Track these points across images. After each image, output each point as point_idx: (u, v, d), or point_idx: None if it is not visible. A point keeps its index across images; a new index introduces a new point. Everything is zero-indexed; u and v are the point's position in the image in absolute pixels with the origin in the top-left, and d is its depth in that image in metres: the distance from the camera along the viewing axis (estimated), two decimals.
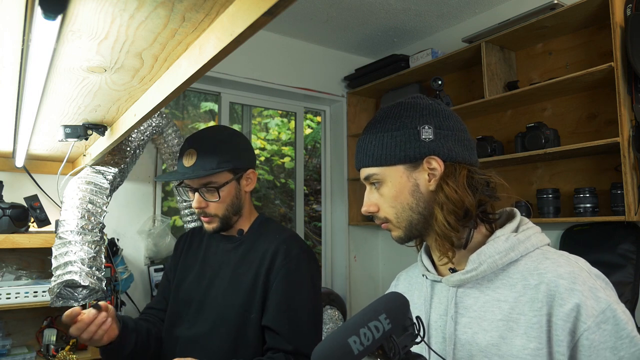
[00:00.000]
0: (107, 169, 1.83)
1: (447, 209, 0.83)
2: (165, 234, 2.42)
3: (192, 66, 0.82)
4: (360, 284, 3.21)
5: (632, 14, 1.88)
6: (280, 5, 0.57)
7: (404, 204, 0.87)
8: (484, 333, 0.81)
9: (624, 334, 0.71)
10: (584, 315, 0.72)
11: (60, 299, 1.64)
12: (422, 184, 0.86)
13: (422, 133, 0.85)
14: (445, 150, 0.85)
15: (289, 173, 3.43)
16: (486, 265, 0.82)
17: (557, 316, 0.74)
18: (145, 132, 2.20)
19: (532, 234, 0.84)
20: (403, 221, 0.88)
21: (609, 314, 0.72)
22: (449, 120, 0.88)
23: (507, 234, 0.83)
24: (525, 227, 0.86)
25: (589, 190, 2.03)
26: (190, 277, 1.39)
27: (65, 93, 1.14)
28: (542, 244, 0.84)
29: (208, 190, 1.30)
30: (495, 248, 0.82)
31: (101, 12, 0.72)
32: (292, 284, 1.25)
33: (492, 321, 0.80)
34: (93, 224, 1.68)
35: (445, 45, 2.76)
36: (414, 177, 0.86)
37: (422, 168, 0.86)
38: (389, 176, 0.87)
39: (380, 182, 0.88)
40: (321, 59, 3.13)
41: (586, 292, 0.74)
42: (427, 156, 0.85)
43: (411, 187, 0.86)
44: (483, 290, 0.83)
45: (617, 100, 1.86)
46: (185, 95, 3.11)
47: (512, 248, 0.82)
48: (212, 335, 1.28)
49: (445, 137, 0.86)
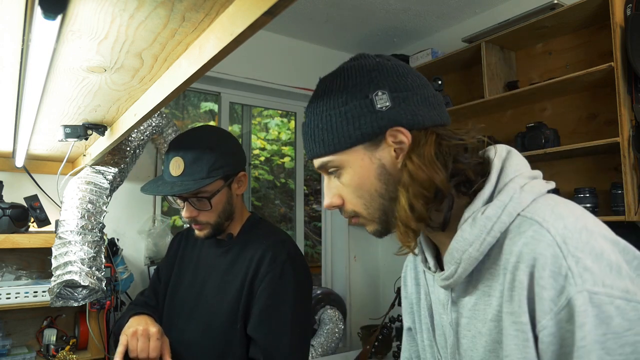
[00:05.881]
0: (107, 169, 1.83)
1: (412, 191, 0.67)
2: (165, 234, 2.42)
3: (192, 66, 0.82)
4: (360, 284, 3.21)
5: (632, 14, 1.88)
6: (280, 5, 0.57)
7: (372, 191, 0.71)
8: (480, 337, 0.69)
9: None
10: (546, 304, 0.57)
11: (60, 299, 1.64)
12: (389, 163, 0.71)
13: (377, 101, 0.69)
14: (409, 116, 0.69)
15: (289, 173, 3.43)
16: (465, 264, 0.67)
17: (537, 304, 0.59)
18: (145, 132, 2.20)
19: (510, 198, 0.65)
20: (375, 211, 0.72)
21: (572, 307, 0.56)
22: (405, 77, 0.72)
23: (474, 213, 0.66)
24: (503, 185, 0.67)
25: (589, 190, 2.03)
26: (184, 282, 1.38)
27: (65, 93, 1.14)
28: (527, 203, 0.65)
29: (199, 199, 1.23)
30: (465, 239, 0.66)
31: (101, 12, 0.72)
32: (275, 292, 1.20)
33: (485, 322, 0.68)
34: (93, 224, 1.68)
35: (445, 45, 2.76)
36: (377, 156, 0.71)
37: (385, 144, 0.70)
38: (347, 161, 0.72)
39: (339, 170, 0.73)
40: (321, 59, 3.13)
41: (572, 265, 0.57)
42: (388, 129, 0.69)
43: (376, 169, 0.71)
44: (475, 285, 0.70)
45: (617, 100, 1.86)
46: (185, 95, 3.11)
47: (485, 231, 0.65)
48: (201, 342, 1.27)
49: (405, 100, 0.70)
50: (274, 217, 3.52)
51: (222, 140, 1.29)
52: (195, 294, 1.33)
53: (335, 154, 0.72)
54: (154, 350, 1.20)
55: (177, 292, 1.38)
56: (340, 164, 0.73)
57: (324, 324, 2.76)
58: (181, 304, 1.35)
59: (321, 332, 2.72)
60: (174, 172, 1.23)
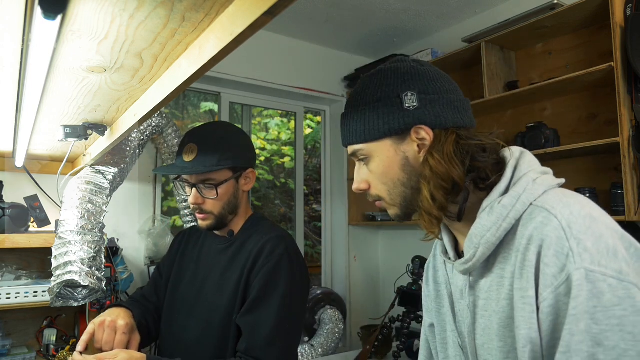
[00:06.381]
0: (107, 169, 1.83)
1: (433, 183, 0.76)
2: (165, 234, 2.42)
3: (192, 66, 0.82)
4: (360, 284, 3.21)
5: (632, 14, 1.88)
6: (280, 5, 0.57)
7: (395, 179, 0.81)
8: (495, 315, 0.75)
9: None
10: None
11: (60, 299, 1.64)
12: (412, 157, 0.80)
13: (405, 101, 0.79)
14: (432, 116, 0.79)
15: (289, 173, 3.43)
16: (482, 248, 0.74)
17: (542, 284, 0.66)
18: (145, 132, 2.20)
19: (523, 189, 0.73)
20: (397, 197, 0.82)
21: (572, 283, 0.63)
22: (434, 82, 0.81)
23: (491, 203, 0.75)
24: (517, 179, 0.76)
25: (589, 190, 2.03)
26: (185, 280, 1.39)
27: (65, 93, 1.14)
28: (539, 194, 0.73)
29: (206, 186, 1.27)
30: (483, 225, 0.74)
31: (101, 12, 0.72)
32: (267, 283, 1.21)
33: (499, 301, 0.75)
34: (93, 224, 1.68)
35: (445, 45, 2.76)
36: (402, 149, 0.80)
37: (410, 139, 0.80)
38: (375, 151, 0.82)
39: (367, 158, 0.83)
40: (321, 59, 3.13)
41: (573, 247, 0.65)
42: (413, 126, 0.79)
43: (400, 160, 0.81)
44: (490, 268, 0.77)
45: (617, 100, 1.86)
46: (185, 95, 3.11)
47: (501, 218, 0.73)
48: (202, 338, 1.27)
49: (431, 102, 0.79)
50: (274, 217, 3.52)
51: (236, 135, 1.34)
52: (195, 291, 1.34)
53: (366, 144, 0.82)
54: (119, 344, 1.19)
55: (178, 289, 1.39)
56: (369, 153, 0.83)
57: (324, 324, 2.76)
58: (181, 301, 1.36)
59: (321, 332, 2.71)
60: (186, 158, 1.27)
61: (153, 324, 1.39)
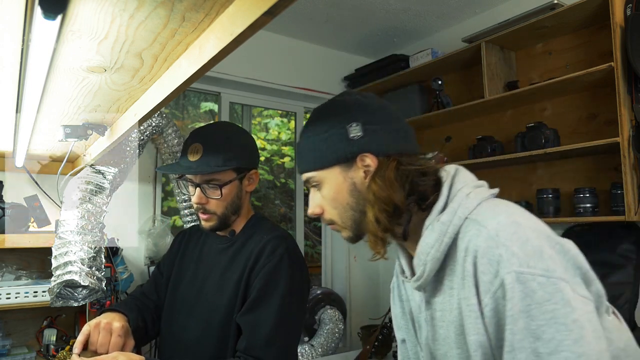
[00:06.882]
0: (107, 169, 1.83)
1: (377, 207, 0.82)
2: (165, 234, 2.42)
3: (192, 66, 0.83)
4: (360, 284, 3.21)
5: (632, 14, 1.88)
6: (280, 5, 0.57)
7: (344, 204, 0.87)
8: (450, 324, 0.80)
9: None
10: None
11: (60, 299, 1.64)
12: (359, 182, 0.86)
13: (350, 132, 0.85)
14: (376, 145, 0.85)
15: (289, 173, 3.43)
16: (430, 264, 0.80)
17: (481, 288, 0.72)
18: (145, 132, 2.20)
19: (459, 205, 0.79)
20: (347, 220, 0.88)
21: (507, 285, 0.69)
22: (377, 113, 0.88)
23: (432, 221, 0.80)
24: (453, 196, 0.81)
25: (589, 190, 2.03)
26: (185, 279, 1.38)
27: (65, 93, 1.14)
28: (473, 206, 0.79)
29: (210, 187, 1.27)
30: (427, 243, 0.80)
31: (101, 12, 0.72)
32: (267, 283, 1.21)
33: (452, 311, 0.80)
34: (93, 224, 1.68)
35: (445, 45, 2.76)
36: (350, 176, 0.86)
37: (356, 166, 0.86)
38: (326, 178, 0.88)
39: (319, 185, 0.89)
40: (321, 59, 3.13)
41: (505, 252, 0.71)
42: (359, 154, 0.85)
43: (348, 186, 0.86)
44: (441, 281, 0.82)
45: (617, 100, 1.86)
46: (185, 95, 3.11)
47: (442, 234, 0.78)
48: (202, 338, 1.27)
49: (374, 131, 0.85)
50: (274, 217, 3.52)
51: (240, 136, 1.35)
52: (195, 291, 1.34)
53: (317, 171, 0.89)
54: (115, 346, 1.19)
55: (178, 288, 1.39)
56: (321, 180, 0.89)
57: (324, 324, 2.76)
58: (182, 301, 1.36)
59: (321, 332, 2.72)
60: (191, 157, 1.28)
61: (151, 322, 1.39)
